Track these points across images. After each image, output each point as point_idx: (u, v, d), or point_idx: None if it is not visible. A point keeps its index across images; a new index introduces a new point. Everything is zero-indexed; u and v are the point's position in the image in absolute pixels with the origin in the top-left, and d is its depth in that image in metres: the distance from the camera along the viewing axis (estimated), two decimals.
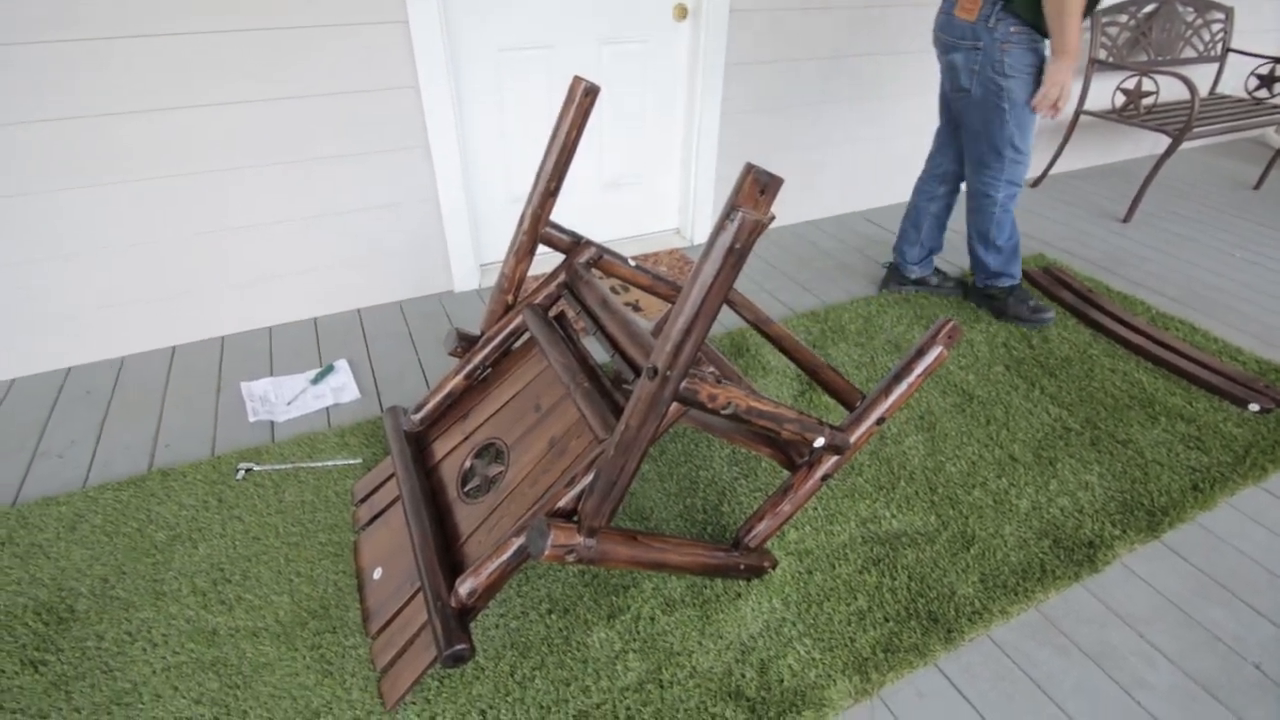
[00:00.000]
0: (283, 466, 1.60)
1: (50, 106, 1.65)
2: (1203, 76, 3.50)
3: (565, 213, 2.53)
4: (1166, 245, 2.83)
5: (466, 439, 1.41)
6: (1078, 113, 3.24)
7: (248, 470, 1.59)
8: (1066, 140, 3.31)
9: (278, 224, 2.03)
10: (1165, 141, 3.00)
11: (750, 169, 0.77)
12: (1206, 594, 1.38)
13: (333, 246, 2.13)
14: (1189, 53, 3.43)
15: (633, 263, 1.51)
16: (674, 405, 0.96)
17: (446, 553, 1.22)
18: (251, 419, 1.77)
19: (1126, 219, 3.04)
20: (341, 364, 1.97)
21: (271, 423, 1.77)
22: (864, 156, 2.95)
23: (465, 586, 1.08)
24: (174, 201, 1.87)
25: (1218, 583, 1.41)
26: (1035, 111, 1.91)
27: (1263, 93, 3.61)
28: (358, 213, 2.11)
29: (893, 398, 1.19)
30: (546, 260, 2.58)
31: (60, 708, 1.13)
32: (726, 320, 2.25)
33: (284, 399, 1.84)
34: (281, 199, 1.99)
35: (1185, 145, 3.57)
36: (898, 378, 1.19)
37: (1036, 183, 3.42)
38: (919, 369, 1.18)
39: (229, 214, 1.95)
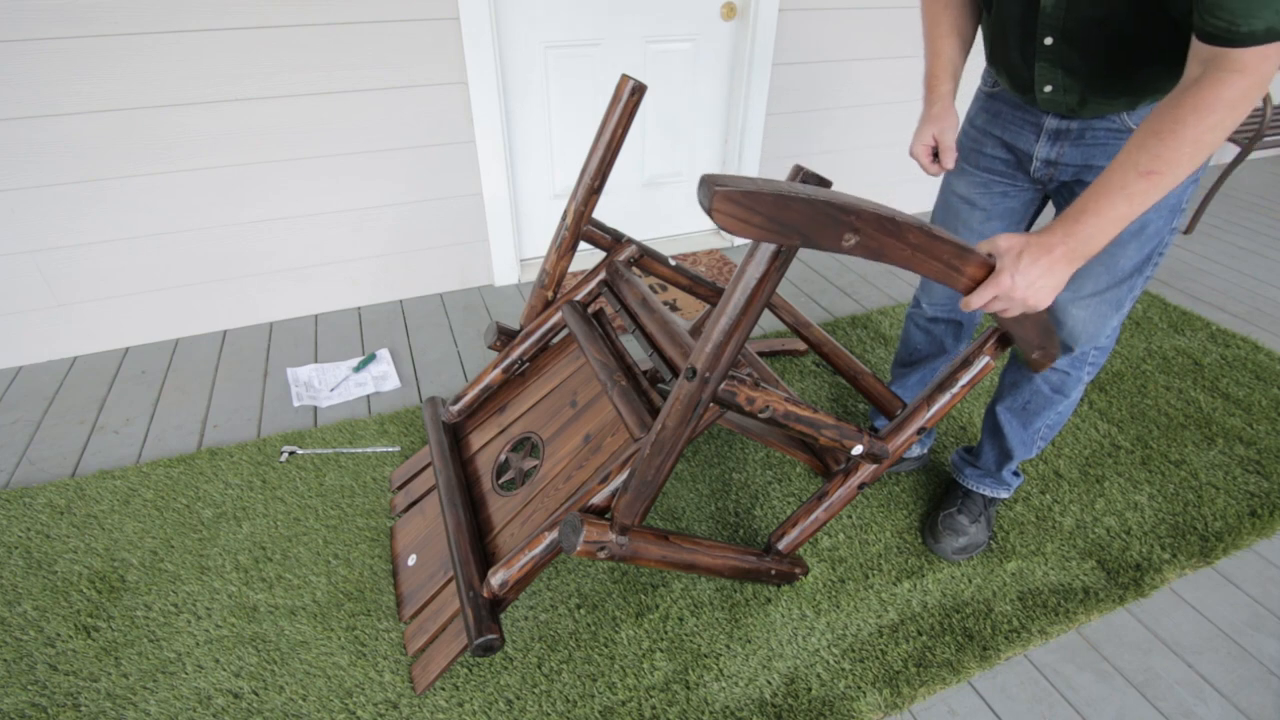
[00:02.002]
0: (324, 451, 1.64)
1: (110, 98, 1.72)
2: (1275, 82, 3.34)
3: (606, 210, 2.54)
4: (1231, 259, 2.71)
5: (502, 432, 1.43)
6: None
7: (291, 453, 1.63)
8: None
9: (326, 214, 2.08)
10: (1233, 150, 2.87)
11: (799, 170, 0.76)
12: (1262, 625, 1.32)
13: (379, 238, 2.18)
14: None
15: (673, 262, 1.51)
16: (711, 407, 0.96)
17: (479, 543, 1.23)
18: (296, 404, 1.82)
19: (1188, 230, 2.92)
20: (383, 353, 2.01)
21: (315, 408, 1.82)
22: (911, 160, 2.89)
23: (497, 578, 1.09)
24: (228, 190, 1.94)
25: (1275, 615, 1.34)
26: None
27: None
28: (403, 205, 2.15)
29: (935, 408, 1.16)
30: (587, 257, 2.59)
31: (109, 672, 1.18)
32: (765, 323, 2.23)
33: (327, 385, 1.89)
34: (330, 190, 2.04)
35: (1254, 155, 3.42)
36: (941, 387, 1.17)
37: None
38: (964, 379, 1.15)
39: (280, 204, 2.01)
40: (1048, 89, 1.02)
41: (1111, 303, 1.13)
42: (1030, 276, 0.83)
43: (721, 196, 0.66)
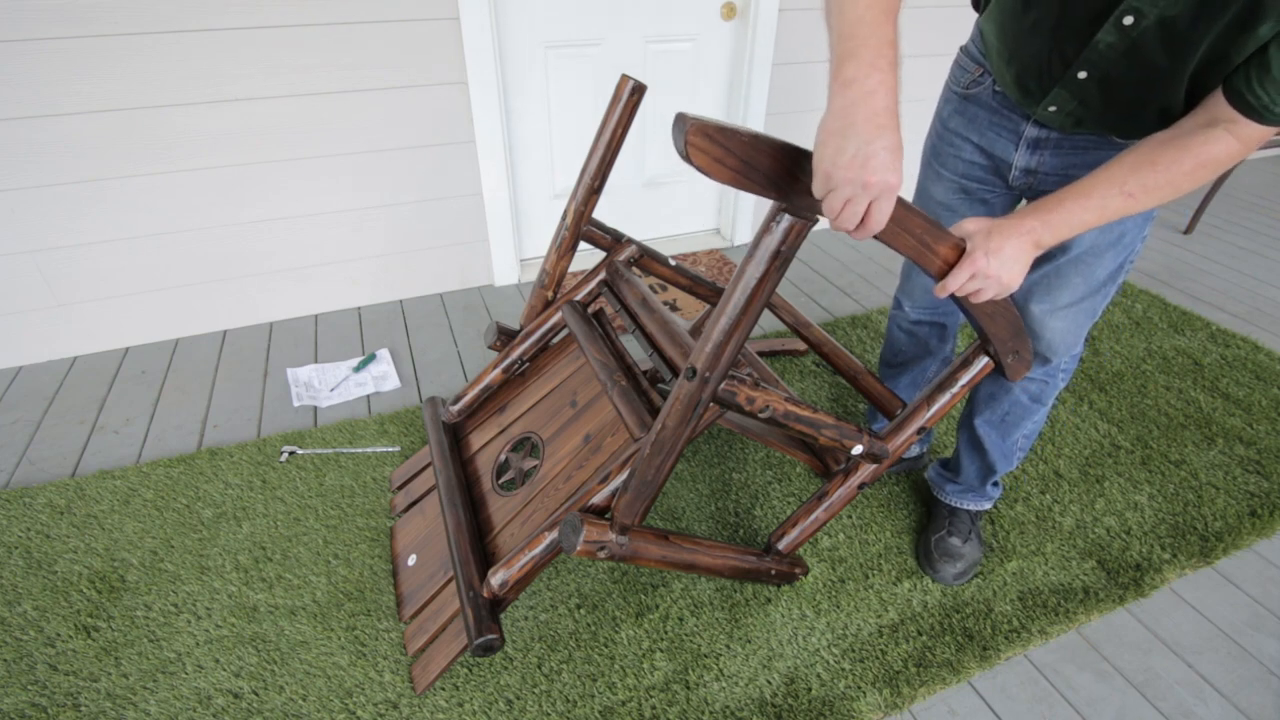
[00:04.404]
0: (324, 451, 1.64)
1: (110, 98, 1.72)
2: None
3: (606, 210, 2.54)
4: (1230, 259, 2.71)
5: (502, 432, 1.43)
6: None
7: (291, 453, 1.63)
8: None
9: (326, 214, 2.08)
10: None
11: None
12: (1262, 626, 1.32)
13: (379, 238, 2.18)
14: None
15: (673, 262, 1.51)
16: (711, 406, 0.96)
17: (479, 543, 1.23)
18: (296, 404, 1.82)
19: (1188, 230, 2.92)
20: (383, 353, 2.01)
21: (315, 408, 1.81)
22: (909, 160, 2.89)
23: (497, 578, 1.09)
24: (228, 190, 1.93)
25: (1275, 615, 1.34)
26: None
27: None
28: (404, 205, 2.15)
29: (935, 408, 1.16)
30: (587, 257, 2.59)
31: (109, 672, 1.18)
32: (765, 323, 2.23)
33: (327, 385, 1.89)
34: (330, 190, 2.04)
35: (1255, 155, 3.41)
36: (941, 387, 1.16)
37: None
38: (964, 379, 1.14)
39: (280, 204, 2.01)
40: (1051, 108, 0.99)
41: (1087, 311, 1.13)
42: (1003, 255, 0.85)
43: (696, 129, 0.64)
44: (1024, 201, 1.20)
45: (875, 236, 0.78)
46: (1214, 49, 0.78)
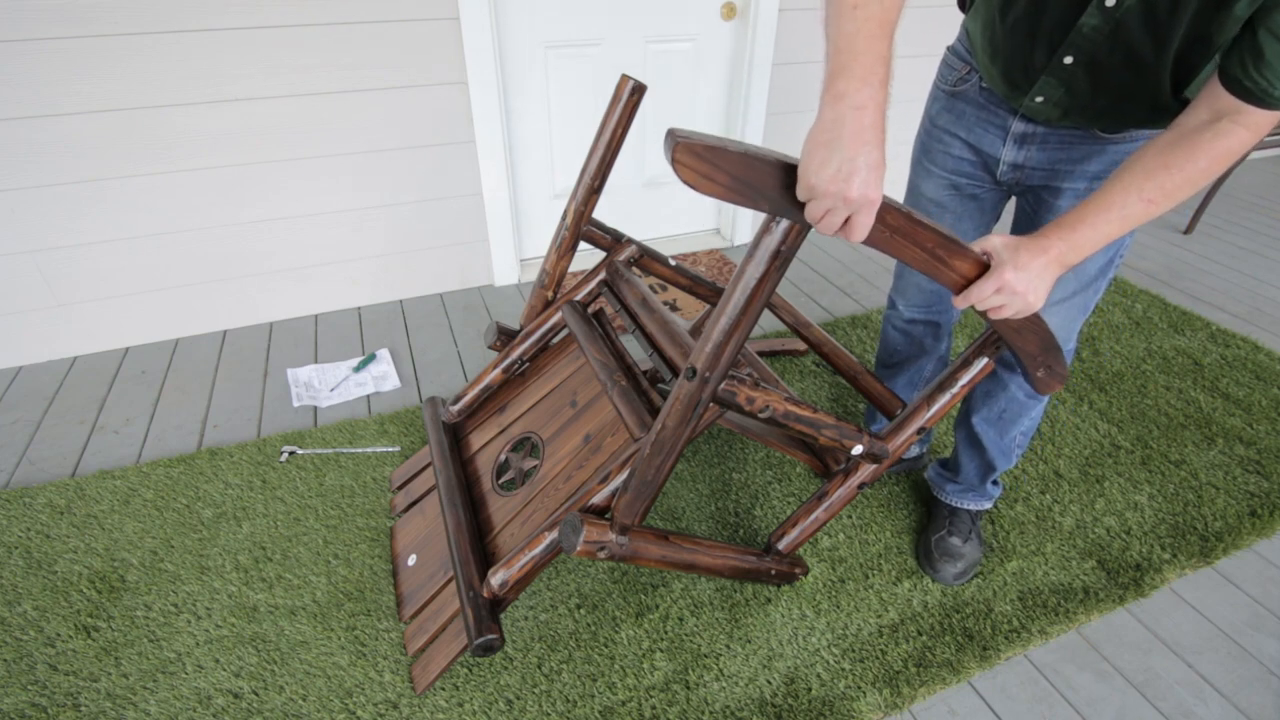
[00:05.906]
0: (324, 451, 1.64)
1: (110, 98, 1.72)
2: None
3: (606, 210, 2.54)
4: (1230, 259, 2.71)
5: (502, 432, 1.43)
6: None
7: (291, 453, 1.63)
8: None
9: (326, 214, 2.08)
10: None
11: None
12: (1262, 626, 1.32)
13: (379, 238, 2.18)
14: None
15: (673, 262, 1.51)
16: (711, 406, 0.96)
17: (479, 543, 1.23)
18: (296, 404, 1.82)
19: (1188, 230, 2.92)
20: (383, 353, 2.02)
21: (315, 408, 1.82)
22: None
23: (497, 578, 1.09)
24: (228, 190, 1.93)
25: (1275, 614, 1.34)
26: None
27: None
28: (404, 205, 2.15)
29: (935, 408, 1.16)
30: (587, 257, 2.60)
31: (109, 672, 1.18)
32: (765, 323, 2.23)
33: (327, 385, 1.89)
34: (330, 190, 2.04)
35: (1254, 155, 3.41)
36: (941, 387, 1.16)
37: None
38: (964, 379, 1.14)
39: (280, 204, 2.01)
40: (1039, 99, 0.99)
41: (1079, 306, 1.13)
42: (1030, 272, 0.84)
43: (683, 148, 0.63)
44: (1013, 198, 1.21)
45: (878, 249, 0.78)
46: (1194, 28, 0.78)
